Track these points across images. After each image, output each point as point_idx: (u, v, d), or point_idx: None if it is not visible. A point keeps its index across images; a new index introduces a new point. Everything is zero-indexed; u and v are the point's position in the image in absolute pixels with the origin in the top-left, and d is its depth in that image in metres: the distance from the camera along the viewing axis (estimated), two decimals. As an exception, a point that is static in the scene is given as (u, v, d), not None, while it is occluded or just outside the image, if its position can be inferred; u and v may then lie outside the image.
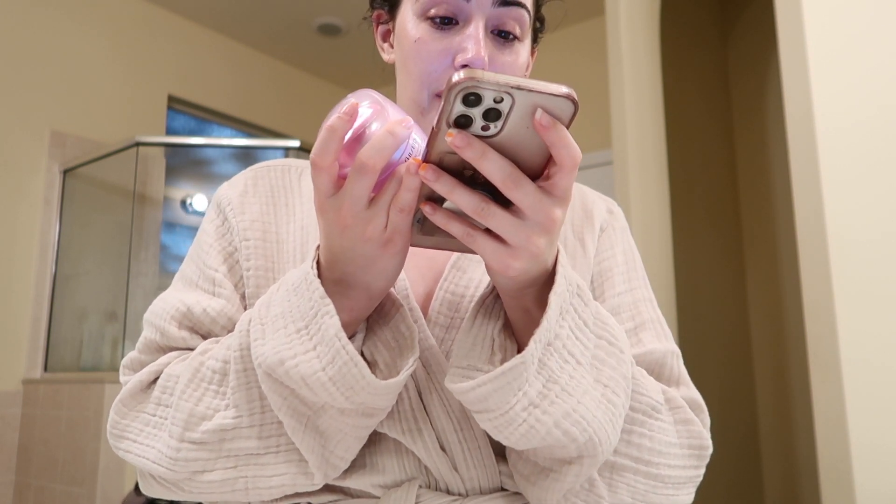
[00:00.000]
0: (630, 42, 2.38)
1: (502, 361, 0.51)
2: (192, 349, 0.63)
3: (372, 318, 0.56)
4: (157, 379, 0.62)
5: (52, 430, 2.57)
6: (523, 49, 0.66)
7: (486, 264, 0.49)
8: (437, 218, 0.47)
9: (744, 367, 3.17)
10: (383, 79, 0.81)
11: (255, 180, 0.71)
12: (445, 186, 0.44)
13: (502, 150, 0.43)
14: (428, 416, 0.59)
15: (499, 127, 0.42)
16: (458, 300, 0.63)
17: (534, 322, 0.51)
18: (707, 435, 0.63)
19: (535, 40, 0.73)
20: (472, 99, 0.41)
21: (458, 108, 0.41)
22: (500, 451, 0.60)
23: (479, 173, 0.44)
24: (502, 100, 0.41)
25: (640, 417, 0.57)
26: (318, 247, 0.53)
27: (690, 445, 0.61)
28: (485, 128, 0.42)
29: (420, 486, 0.58)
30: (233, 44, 3.72)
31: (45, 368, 2.79)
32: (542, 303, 0.51)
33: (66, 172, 2.92)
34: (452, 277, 0.64)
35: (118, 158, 2.83)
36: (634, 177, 2.31)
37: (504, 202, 0.45)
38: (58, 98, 2.94)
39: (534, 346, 0.48)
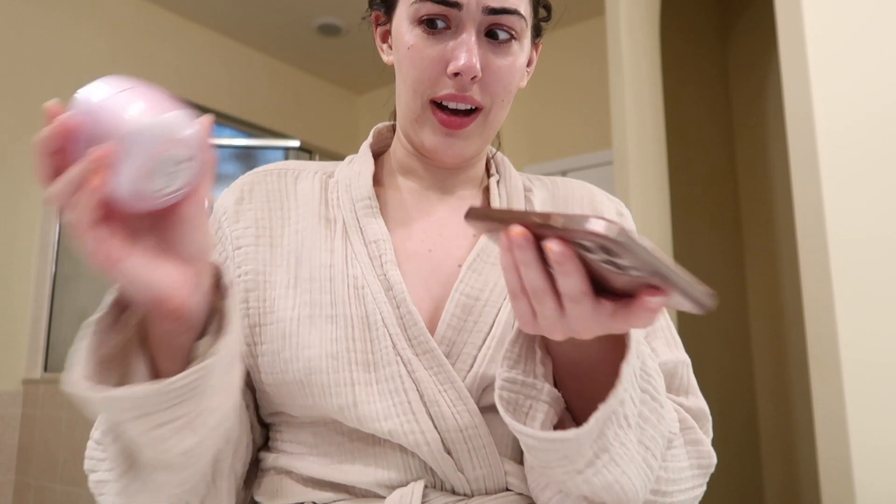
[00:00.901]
0: (630, 42, 2.38)
1: (545, 375, 0.51)
2: None
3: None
4: None
5: (52, 430, 2.57)
6: (521, 50, 0.66)
7: None
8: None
9: (744, 368, 3.17)
10: (384, 79, 0.81)
11: (252, 186, 0.71)
12: (523, 258, 0.42)
13: (603, 272, 0.41)
14: (431, 419, 0.58)
15: (615, 271, 0.39)
16: (472, 303, 0.63)
17: (570, 359, 0.50)
18: (712, 450, 0.64)
19: (538, 34, 0.72)
20: (607, 250, 0.37)
21: (587, 244, 0.37)
22: (505, 453, 0.60)
23: None
24: (639, 271, 0.38)
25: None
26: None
27: (700, 465, 0.62)
28: (603, 262, 0.39)
29: (426, 486, 0.58)
30: (233, 44, 3.72)
31: (45, 368, 2.79)
32: (580, 345, 0.48)
33: (66, 172, 2.91)
34: (468, 279, 0.64)
35: (118, 158, 2.83)
36: (634, 177, 2.31)
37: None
38: (58, 98, 2.93)
39: (595, 422, 0.47)
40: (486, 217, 0.44)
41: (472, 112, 0.65)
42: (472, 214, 0.44)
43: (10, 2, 2.82)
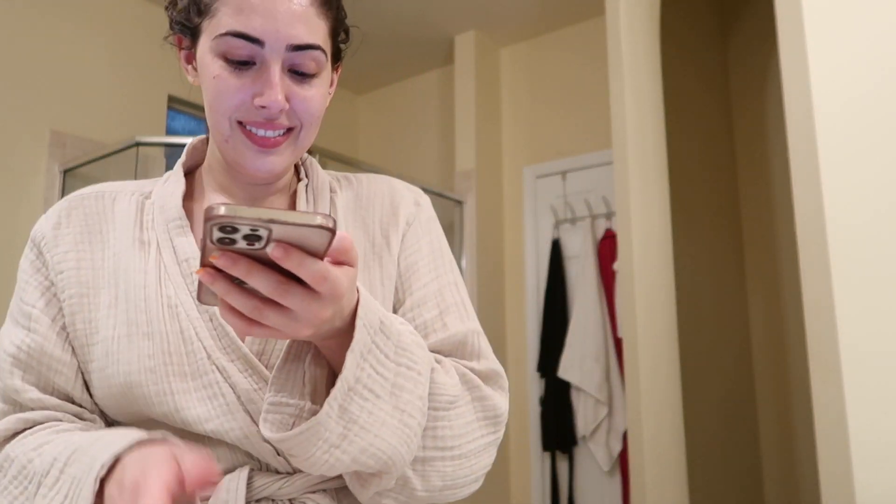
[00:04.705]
0: (630, 42, 2.38)
1: (312, 392, 0.59)
2: (33, 404, 0.68)
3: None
4: (8, 438, 0.68)
5: (52, 430, 2.56)
6: (321, 81, 0.71)
7: None
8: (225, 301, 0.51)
9: (744, 367, 3.17)
10: (383, 79, 0.82)
11: (69, 211, 0.74)
12: (221, 290, 0.49)
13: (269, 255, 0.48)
14: (249, 415, 0.65)
15: (262, 245, 0.46)
16: None
17: (341, 358, 0.57)
18: (502, 402, 0.72)
19: (338, 59, 0.76)
20: (229, 230, 0.44)
21: (217, 235, 0.45)
22: None
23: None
24: (258, 230, 0.44)
25: (441, 413, 0.66)
26: (132, 444, 0.58)
27: (486, 417, 0.70)
28: (249, 244, 0.46)
29: (251, 470, 0.66)
30: (233, 44, 3.72)
31: (45, 368, 2.79)
32: (344, 344, 0.57)
33: (66, 172, 2.91)
34: None
35: (118, 158, 2.83)
36: (634, 177, 2.31)
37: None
38: (58, 98, 2.94)
39: (328, 407, 0.55)
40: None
41: (283, 133, 0.70)
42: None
43: (9, 2, 2.82)
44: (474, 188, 3.49)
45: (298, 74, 0.68)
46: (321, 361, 0.61)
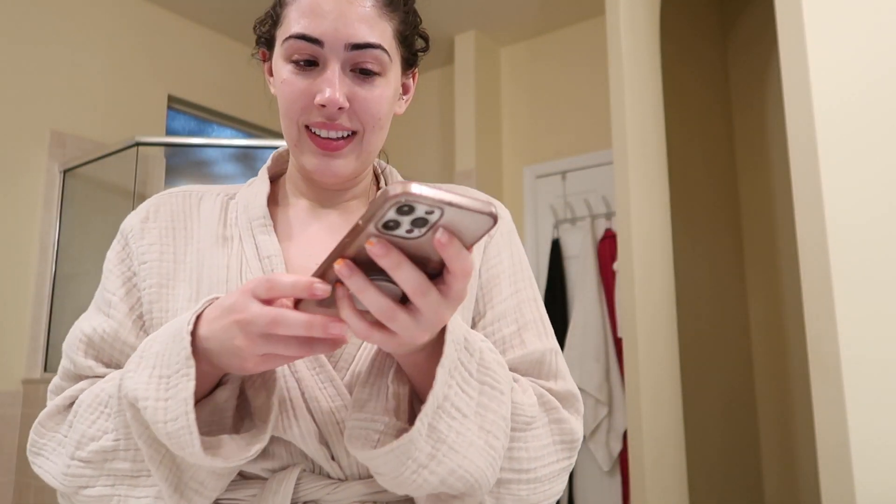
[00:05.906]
0: (630, 42, 2.38)
1: (396, 408, 0.58)
2: (99, 377, 0.69)
3: (253, 385, 0.62)
4: (73, 403, 0.68)
5: (52, 430, 2.56)
6: (386, 82, 0.72)
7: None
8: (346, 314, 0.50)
9: (744, 368, 3.17)
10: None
11: (157, 207, 0.77)
12: (357, 285, 0.47)
13: (417, 248, 0.46)
14: (310, 413, 0.64)
15: (422, 232, 0.45)
16: None
17: (425, 374, 0.57)
18: (577, 426, 0.71)
19: (412, 64, 0.78)
20: (405, 210, 0.43)
21: (391, 215, 0.43)
22: None
23: None
24: (433, 212, 0.43)
25: (518, 434, 0.64)
26: (209, 301, 0.58)
27: (563, 441, 0.69)
28: (409, 231, 0.45)
29: (303, 470, 0.65)
30: (233, 44, 3.72)
31: (45, 368, 2.79)
32: (431, 359, 0.56)
33: (66, 172, 2.91)
34: None
35: (118, 158, 2.83)
36: (634, 177, 2.31)
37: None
38: (58, 98, 2.94)
39: (420, 423, 0.54)
40: (321, 270, 0.50)
41: (346, 137, 0.72)
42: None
43: (9, 2, 2.82)
44: (474, 188, 3.49)
45: (361, 75, 0.70)
46: (403, 378, 0.60)
